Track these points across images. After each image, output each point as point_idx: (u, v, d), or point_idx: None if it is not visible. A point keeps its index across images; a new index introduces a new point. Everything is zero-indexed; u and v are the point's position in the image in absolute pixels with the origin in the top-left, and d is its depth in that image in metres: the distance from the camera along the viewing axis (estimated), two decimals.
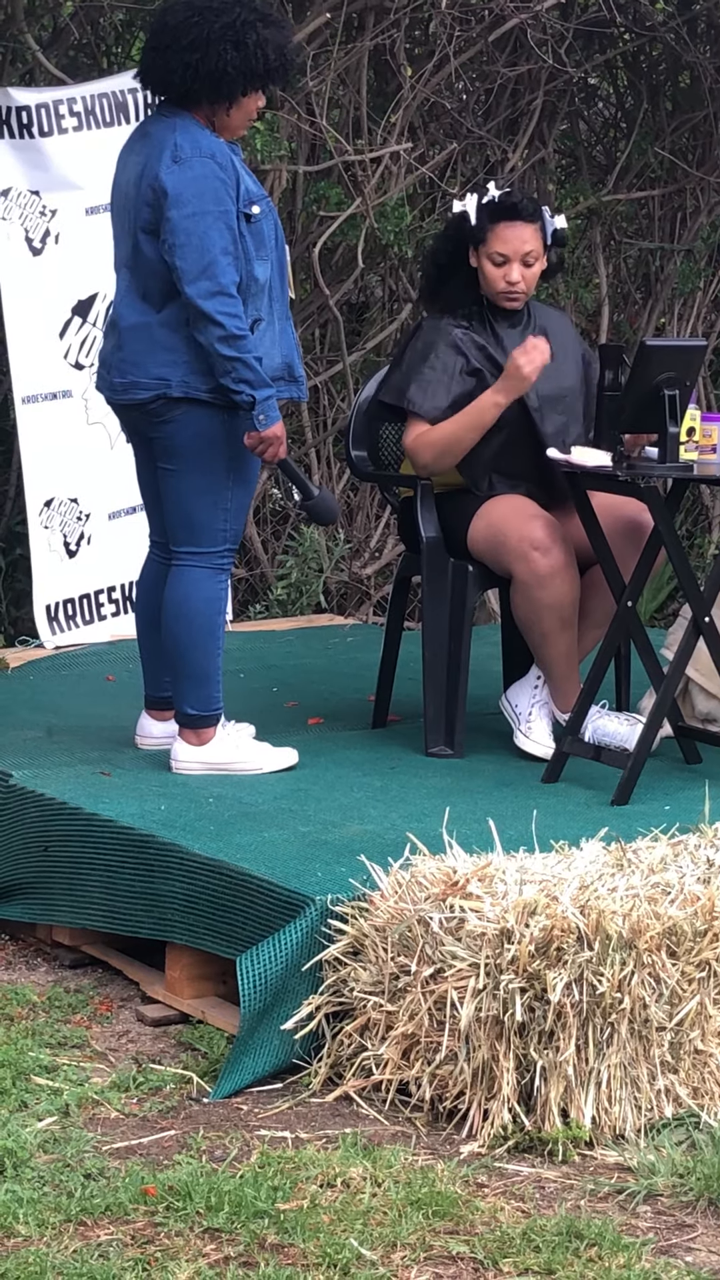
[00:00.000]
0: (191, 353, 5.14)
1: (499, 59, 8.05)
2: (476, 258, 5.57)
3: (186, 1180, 3.74)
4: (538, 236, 5.56)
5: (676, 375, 5.16)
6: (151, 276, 5.16)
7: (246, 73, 5.12)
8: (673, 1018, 4.08)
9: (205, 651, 5.29)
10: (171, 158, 5.09)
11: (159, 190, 5.09)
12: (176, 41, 5.11)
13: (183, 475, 5.24)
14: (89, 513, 7.11)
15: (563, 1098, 4.01)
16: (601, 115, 8.96)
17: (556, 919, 4.02)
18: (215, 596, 5.31)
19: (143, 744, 5.54)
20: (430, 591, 5.62)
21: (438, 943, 4.10)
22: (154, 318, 5.17)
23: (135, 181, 5.18)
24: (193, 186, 5.07)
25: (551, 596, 5.43)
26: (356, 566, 8.03)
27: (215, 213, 5.07)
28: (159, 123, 5.22)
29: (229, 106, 5.18)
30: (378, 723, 5.89)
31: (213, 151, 5.12)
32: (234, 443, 5.20)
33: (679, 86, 8.66)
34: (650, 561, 5.33)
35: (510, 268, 5.54)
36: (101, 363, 5.34)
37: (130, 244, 5.20)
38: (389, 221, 7.73)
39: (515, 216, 5.55)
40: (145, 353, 5.17)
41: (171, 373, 5.15)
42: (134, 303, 5.20)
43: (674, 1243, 3.66)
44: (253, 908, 4.43)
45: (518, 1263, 3.53)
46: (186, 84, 5.13)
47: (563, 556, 5.42)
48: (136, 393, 5.20)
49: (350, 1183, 3.79)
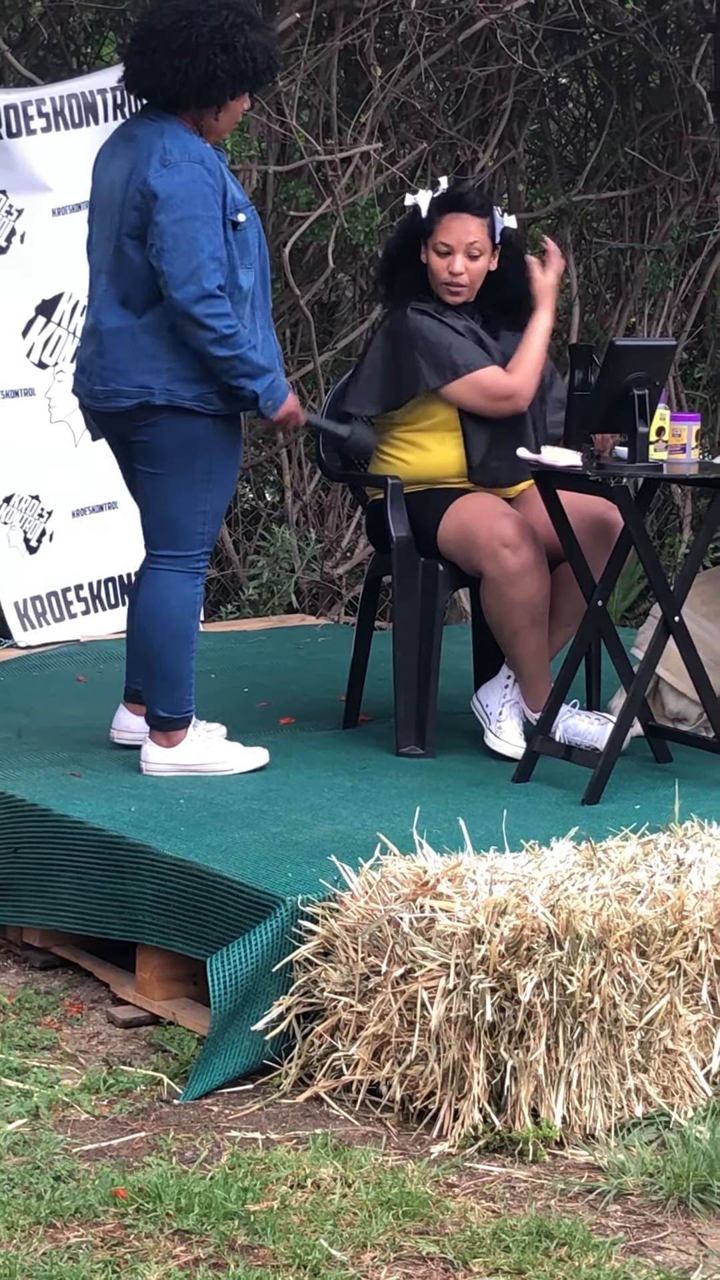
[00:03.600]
0: (175, 359, 5.12)
1: (469, 59, 8.05)
2: (425, 252, 5.58)
3: (156, 1182, 3.74)
4: (484, 231, 5.56)
5: (646, 375, 5.17)
6: (135, 282, 5.14)
7: (236, 76, 5.12)
8: (643, 1017, 4.09)
9: (178, 655, 5.29)
10: (160, 162, 5.08)
11: (148, 195, 5.07)
12: (165, 46, 5.09)
13: (163, 478, 5.23)
14: (51, 510, 7.10)
15: (533, 1097, 4.01)
16: (571, 115, 8.97)
17: (527, 919, 4.02)
18: (191, 600, 5.31)
19: (119, 738, 5.52)
20: (401, 591, 5.62)
21: (408, 943, 4.10)
22: (135, 323, 5.14)
23: (121, 185, 5.15)
24: (182, 191, 5.06)
25: (522, 594, 5.43)
26: (328, 566, 8.03)
27: (204, 218, 5.06)
28: (145, 125, 5.20)
29: (217, 110, 5.18)
30: (349, 723, 5.89)
31: (202, 157, 5.11)
32: (214, 446, 5.20)
33: (649, 87, 8.67)
34: (620, 561, 5.34)
35: (454, 259, 5.55)
36: (80, 368, 5.31)
37: (112, 248, 5.17)
38: (359, 221, 7.74)
39: (462, 208, 5.56)
40: (128, 360, 5.15)
41: (154, 380, 5.14)
42: (114, 307, 5.18)
43: (644, 1242, 3.66)
44: (223, 908, 4.42)
45: (488, 1263, 3.53)
46: (175, 88, 5.11)
47: (532, 554, 5.42)
48: (119, 401, 5.18)
49: (320, 1183, 3.79)
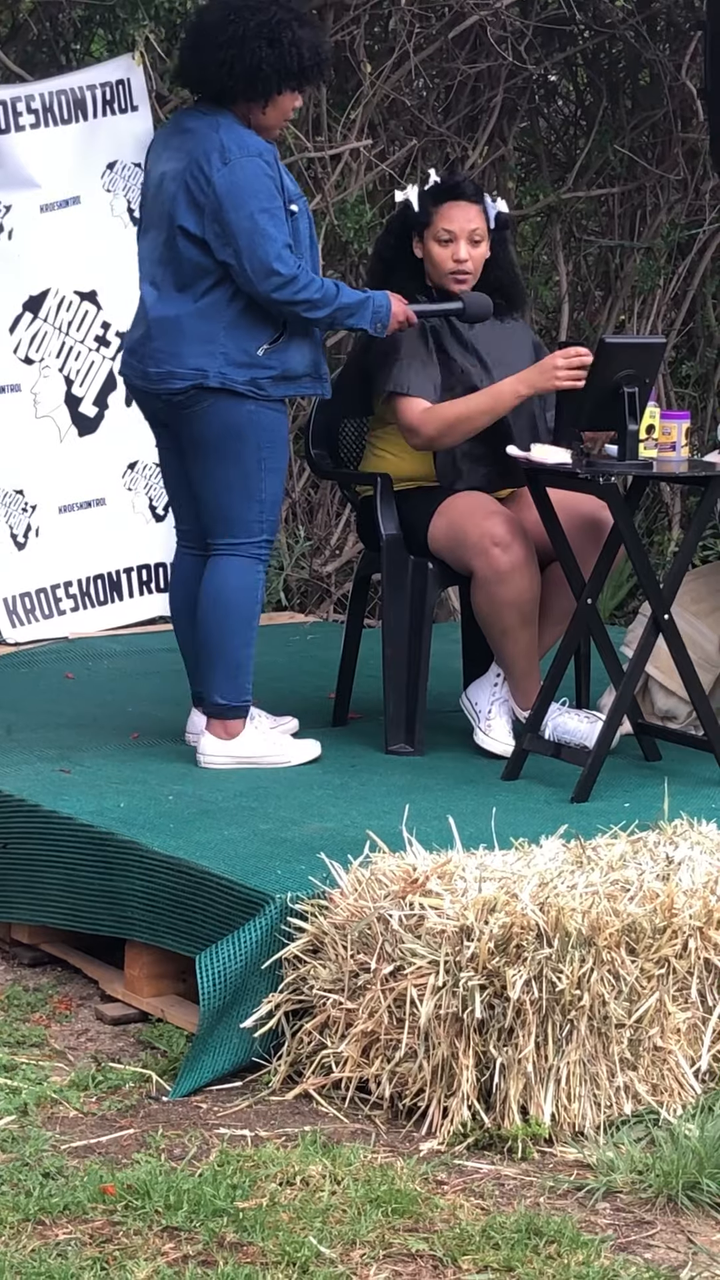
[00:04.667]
0: (229, 342, 5.19)
1: (459, 56, 8.05)
2: (422, 245, 5.59)
3: (145, 1179, 3.73)
4: (481, 216, 5.58)
5: (636, 373, 5.17)
6: (193, 270, 5.21)
7: (281, 71, 5.19)
8: (632, 1015, 4.09)
9: (239, 641, 5.33)
10: (221, 159, 5.16)
11: (211, 193, 5.15)
12: (212, 40, 5.18)
13: (213, 469, 5.29)
14: (35, 504, 7.09)
15: (522, 1095, 4.01)
16: (561, 113, 8.97)
17: (516, 916, 4.02)
18: (251, 585, 5.34)
19: (192, 740, 5.51)
20: (390, 589, 5.61)
21: (397, 940, 4.10)
22: (191, 307, 5.21)
23: (175, 176, 5.22)
24: (247, 187, 5.14)
25: (512, 593, 5.43)
26: (317, 564, 8.02)
27: (271, 209, 5.15)
28: (199, 119, 5.27)
29: (264, 105, 5.24)
30: (338, 720, 5.88)
31: (260, 150, 5.20)
32: (260, 434, 5.25)
33: (639, 84, 8.67)
34: (610, 559, 5.33)
35: (457, 246, 5.56)
36: (129, 351, 5.37)
37: (164, 238, 5.24)
38: (349, 218, 7.74)
39: (459, 196, 5.58)
40: (180, 342, 5.22)
41: (209, 363, 5.20)
42: (170, 293, 5.24)
43: (633, 1240, 3.66)
44: (212, 905, 4.42)
45: (477, 1260, 3.53)
46: (222, 82, 5.20)
47: (523, 552, 5.42)
48: (173, 382, 5.23)
49: (309, 1181, 3.78)
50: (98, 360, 7.20)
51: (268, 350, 5.21)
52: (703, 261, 8.64)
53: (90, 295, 7.15)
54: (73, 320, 7.14)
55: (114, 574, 7.28)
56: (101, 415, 7.23)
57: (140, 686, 6.37)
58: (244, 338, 5.21)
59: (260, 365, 5.22)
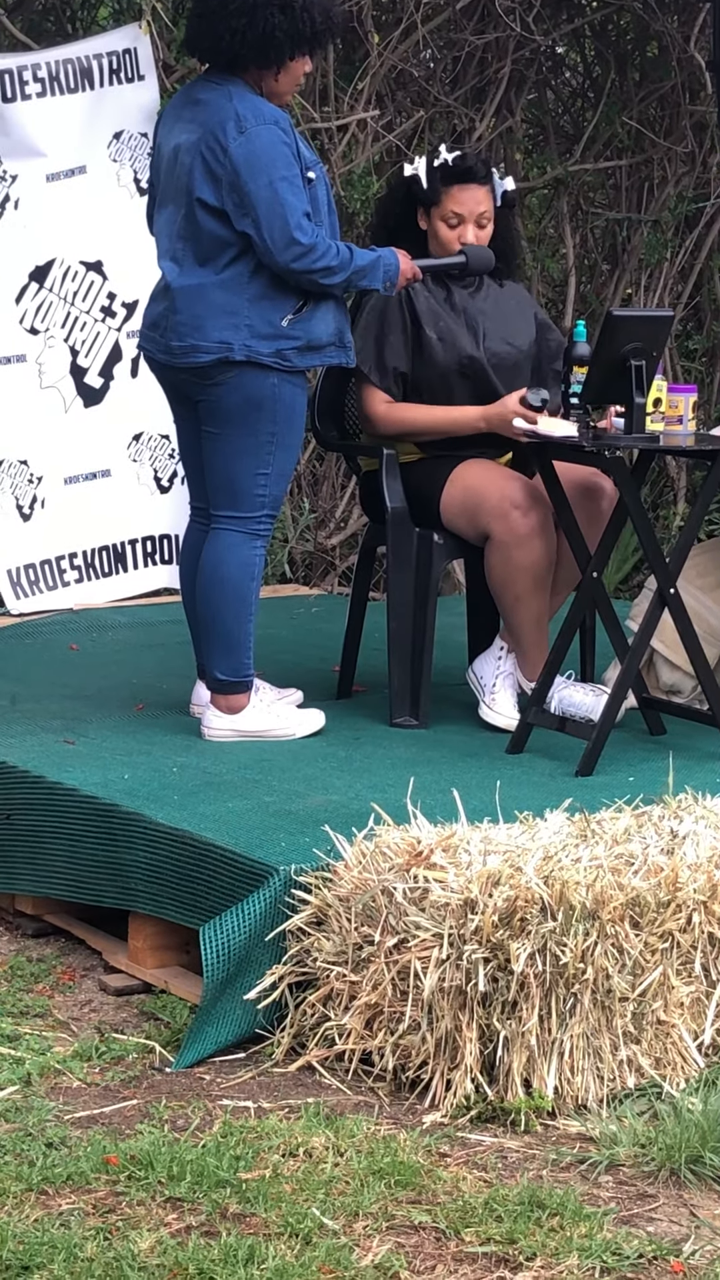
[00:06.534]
0: (253, 314, 5.18)
1: (467, 27, 8.02)
2: (428, 220, 5.58)
3: (148, 1150, 3.74)
4: (489, 198, 5.59)
5: (643, 346, 5.15)
6: (213, 243, 5.19)
7: (294, 36, 5.17)
8: (635, 988, 4.09)
9: (236, 617, 5.32)
10: (237, 129, 5.14)
11: (228, 163, 5.12)
12: (223, 7, 5.15)
13: (227, 439, 5.27)
14: (41, 476, 7.08)
15: (525, 1068, 4.01)
16: (569, 85, 8.94)
17: (520, 889, 4.02)
18: (249, 561, 5.34)
19: (197, 712, 5.51)
20: (395, 562, 5.61)
21: (401, 913, 4.10)
22: (213, 280, 5.19)
23: (190, 149, 5.20)
24: (265, 155, 5.12)
25: (528, 557, 5.42)
26: (322, 537, 8.01)
27: (289, 177, 5.14)
28: (210, 89, 5.25)
29: (277, 71, 5.22)
30: (342, 693, 5.88)
31: (276, 118, 5.18)
32: (279, 407, 5.24)
33: (647, 56, 8.63)
34: (615, 533, 5.32)
35: (465, 229, 5.56)
36: (150, 324, 5.36)
37: (183, 212, 5.22)
38: (355, 189, 7.71)
39: (470, 179, 5.57)
40: (204, 315, 5.20)
41: (234, 336, 5.19)
42: (191, 266, 5.23)
43: (635, 1213, 3.66)
44: (216, 877, 4.42)
45: (479, 1232, 3.53)
46: (234, 50, 5.17)
47: (541, 516, 5.42)
48: (198, 356, 5.22)
49: (312, 1152, 3.79)
50: (103, 331, 7.18)
51: (292, 320, 5.20)
52: (710, 234, 8.61)
53: (96, 265, 7.14)
54: (78, 291, 7.12)
55: (119, 545, 7.27)
56: (107, 386, 7.21)
57: (145, 658, 6.37)
58: (268, 309, 5.19)
59: (285, 336, 5.20)
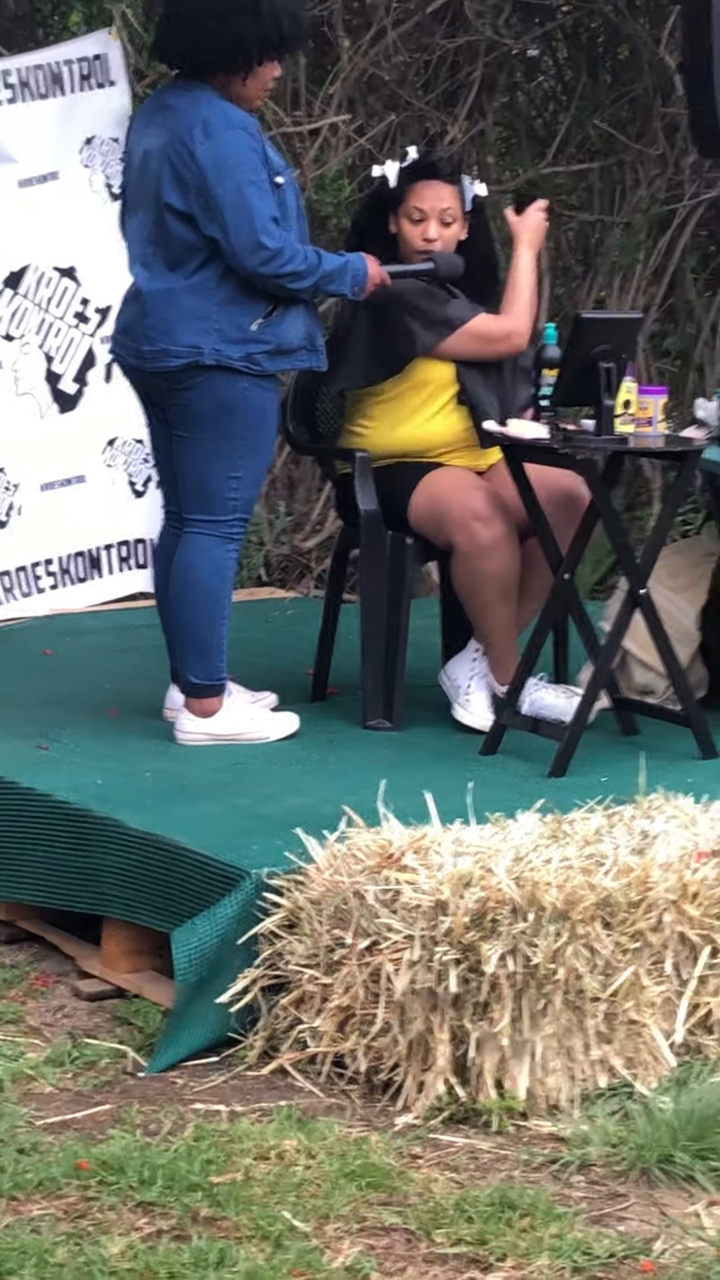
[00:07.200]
0: (223, 319, 5.19)
1: (437, 31, 8.02)
2: (396, 221, 5.59)
3: (120, 1154, 3.74)
4: (455, 197, 5.59)
5: (613, 348, 5.16)
6: (183, 248, 5.20)
7: (263, 41, 5.18)
8: (607, 989, 4.09)
9: (209, 620, 5.33)
10: (204, 133, 5.15)
11: (195, 168, 5.13)
12: (192, 13, 5.17)
13: (198, 443, 5.28)
14: (18, 483, 7.08)
15: (497, 1069, 4.02)
16: (541, 88, 8.94)
17: (491, 890, 4.03)
18: (222, 565, 5.34)
19: (171, 716, 5.51)
20: (368, 565, 5.61)
21: (373, 915, 4.10)
22: (183, 284, 5.20)
23: (158, 154, 5.21)
24: (232, 159, 5.13)
25: (493, 567, 5.43)
26: (298, 540, 8.01)
27: (256, 182, 5.14)
28: (179, 94, 5.26)
29: (245, 77, 5.24)
30: (317, 696, 5.88)
31: (243, 124, 5.20)
32: (251, 411, 5.25)
33: (618, 59, 8.64)
34: (587, 534, 5.33)
35: (427, 225, 5.57)
36: (122, 331, 5.37)
37: (153, 218, 5.23)
38: (328, 193, 7.71)
39: (433, 175, 5.59)
40: (174, 320, 5.21)
41: (204, 340, 5.19)
42: (161, 271, 5.24)
43: (606, 1212, 3.67)
44: (188, 881, 4.42)
45: (450, 1233, 3.53)
46: (203, 55, 5.20)
47: (504, 527, 5.43)
48: (168, 360, 5.23)
49: (284, 1155, 3.79)
50: (77, 337, 7.18)
51: (262, 325, 5.21)
52: (682, 236, 8.62)
53: (69, 271, 7.14)
54: (52, 296, 7.12)
55: (94, 551, 7.27)
56: (81, 392, 7.21)
57: (119, 663, 6.37)
58: (238, 313, 5.20)
59: (255, 340, 5.21)
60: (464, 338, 5.53)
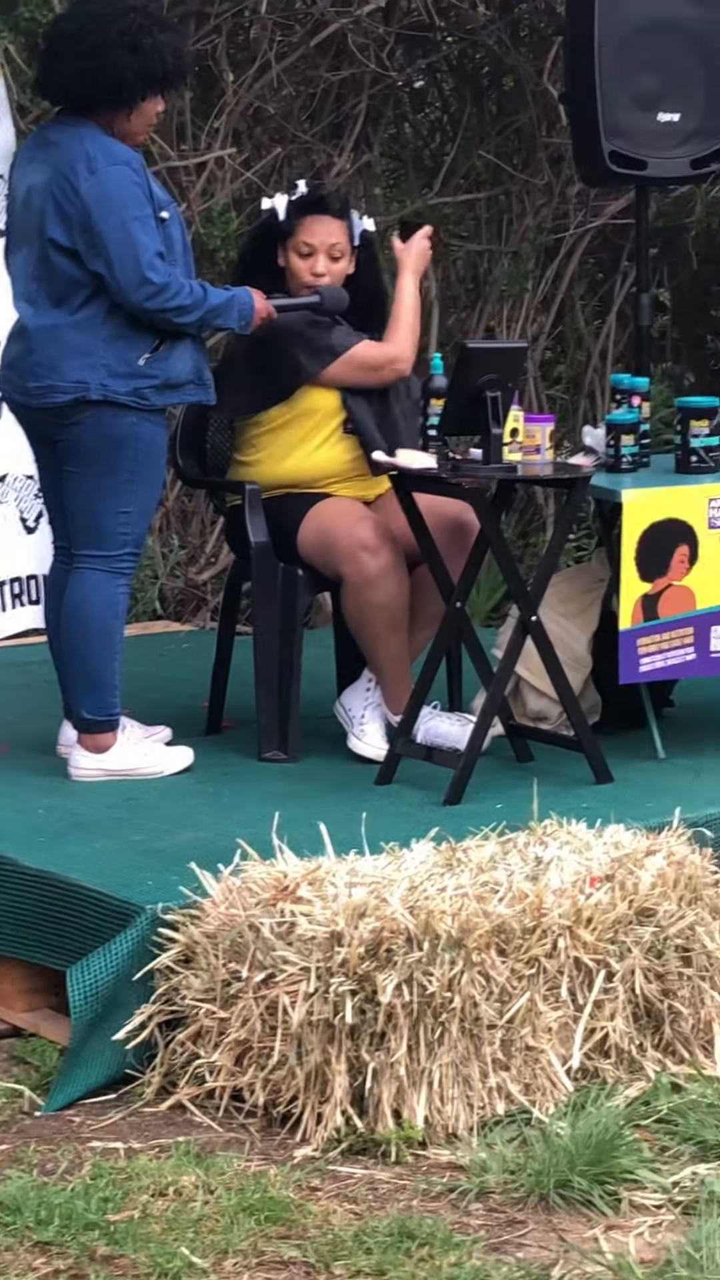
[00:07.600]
0: (109, 354, 5.19)
1: (322, 64, 8.06)
2: (284, 254, 5.61)
3: (16, 1195, 3.71)
4: (344, 232, 5.61)
5: (499, 377, 5.19)
6: (68, 284, 5.21)
7: (145, 77, 5.19)
8: (503, 1015, 4.10)
9: (101, 655, 5.31)
10: (87, 169, 5.16)
11: (79, 204, 5.14)
12: (73, 49, 5.18)
13: (87, 478, 5.27)
14: None
15: (395, 1098, 4.02)
16: (427, 119, 8.99)
17: (385, 920, 4.03)
18: (113, 600, 5.33)
19: (64, 752, 5.48)
20: (260, 597, 5.61)
21: (269, 948, 4.10)
22: (68, 320, 5.20)
23: (41, 190, 5.22)
24: (116, 195, 5.14)
25: (381, 597, 5.45)
26: (192, 573, 8.00)
27: (141, 217, 5.16)
28: (63, 131, 5.27)
29: (129, 112, 5.24)
30: (211, 729, 5.87)
31: (127, 159, 5.20)
32: (139, 446, 5.25)
33: (503, 90, 8.70)
34: (478, 562, 5.36)
35: (316, 260, 5.59)
36: (8, 367, 5.36)
37: (37, 254, 5.23)
38: (216, 226, 7.72)
39: (323, 210, 5.61)
40: (59, 356, 5.21)
41: (90, 375, 5.19)
42: (45, 307, 5.24)
43: (505, 1239, 3.67)
44: (83, 918, 4.40)
45: (349, 1265, 3.53)
46: (85, 91, 5.20)
47: (391, 557, 5.44)
48: (55, 396, 5.22)
49: (182, 1191, 3.77)
50: None
51: (149, 359, 5.21)
52: (570, 264, 8.68)
53: None
54: None
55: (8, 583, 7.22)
56: None
57: (11, 699, 6.33)
58: (124, 348, 5.20)
59: (142, 375, 5.21)
60: (347, 365, 5.55)
